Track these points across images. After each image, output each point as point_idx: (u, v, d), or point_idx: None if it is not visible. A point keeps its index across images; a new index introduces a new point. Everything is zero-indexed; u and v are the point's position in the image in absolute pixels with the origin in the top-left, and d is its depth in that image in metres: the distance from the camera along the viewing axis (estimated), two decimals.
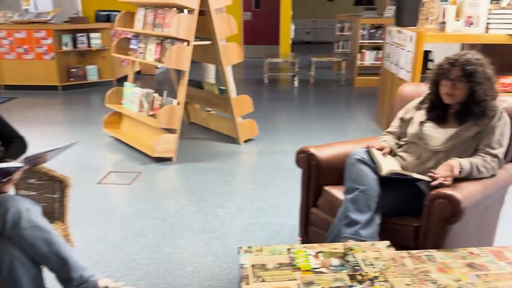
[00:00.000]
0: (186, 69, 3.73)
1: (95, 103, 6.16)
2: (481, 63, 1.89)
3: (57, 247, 1.54)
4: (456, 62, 1.90)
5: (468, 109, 1.92)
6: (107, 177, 3.50)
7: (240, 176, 3.57)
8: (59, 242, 1.55)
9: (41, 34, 6.39)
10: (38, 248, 1.51)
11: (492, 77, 1.92)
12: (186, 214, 2.87)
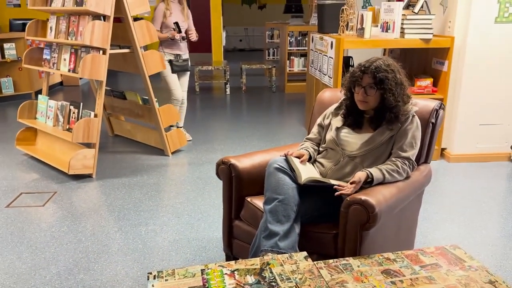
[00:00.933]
0: (103, 79, 3.51)
1: (10, 118, 5.67)
2: (391, 69, 1.91)
3: None
4: (367, 69, 1.91)
5: (382, 115, 1.94)
6: (17, 199, 3.18)
7: (166, 190, 3.41)
8: None
9: None
10: None
11: (403, 82, 1.94)
12: (103, 236, 2.66)
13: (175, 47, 4.28)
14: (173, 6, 4.20)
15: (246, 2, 14.49)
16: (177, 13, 4.23)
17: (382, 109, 1.94)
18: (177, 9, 4.25)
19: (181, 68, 4.31)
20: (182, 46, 4.32)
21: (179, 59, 4.32)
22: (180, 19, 4.23)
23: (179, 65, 4.30)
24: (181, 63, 4.31)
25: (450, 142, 3.93)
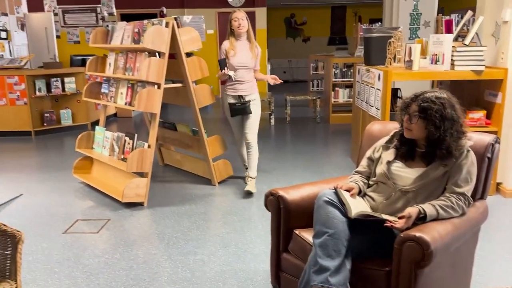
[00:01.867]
0: (157, 112, 3.69)
1: (68, 147, 6.03)
2: (441, 102, 1.89)
3: None
4: (416, 98, 1.92)
5: (433, 150, 1.91)
6: (74, 226, 3.35)
7: (213, 220, 3.47)
8: None
9: (14, 79, 6.32)
10: None
11: (454, 117, 1.89)
12: (154, 264, 2.73)
13: (236, 87, 3.89)
14: (240, 44, 3.84)
15: (291, 35, 14.81)
16: (244, 52, 3.85)
17: (433, 143, 1.92)
18: (245, 48, 3.86)
19: (239, 111, 3.89)
20: (246, 86, 3.90)
21: (240, 100, 3.89)
22: (246, 57, 3.85)
23: (237, 109, 3.89)
24: (239, 107, 3.87)
25: (506, 176, 3.75)
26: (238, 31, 3.80)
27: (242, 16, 3.80)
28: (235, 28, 3.80)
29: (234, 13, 3.83)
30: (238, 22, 3.78)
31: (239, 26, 3.78)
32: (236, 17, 3.80)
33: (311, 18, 14.53)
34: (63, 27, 10.53)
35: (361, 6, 13.99)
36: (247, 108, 3.88)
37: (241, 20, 3.78)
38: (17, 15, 9.73)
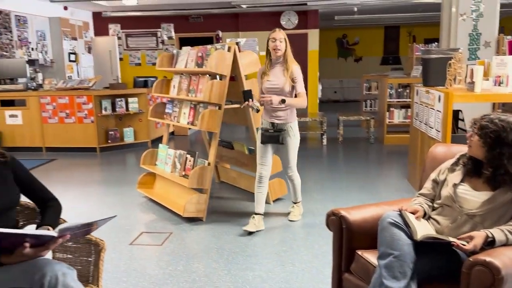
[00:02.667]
0: (217, 131, 3.86)
1: (130, 163, 6.37)
2: (502, 124, 1.88)
3: None
4: (484, 116, 1.94)
5: (497, 174, 1.90)
6: (139, 238, 3.55)
7: (269, 237, 3.53)
8: None
9: (83, 99, 6.82)
10: None
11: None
12: (215, 278, 2.84)
13: (270, 113, 3.54)
14: (275, 67, 3.49)
15: (342, 55, 14.81)
16: (278, 75, 3.47)
17: (495, 167, 1.90)
18: (279, 71, 3.47)
19: (270, 139, 3.50)
20: (280, 114, 3.49)
21: (272, 128, 3.54)
22: (279, 81, 3.44)
23: (268, 136, 3.50)
24: (271, 134, 3.49)
25: None
26: (274, 53, 3.41)
27: (281, 37, 3.36)
28: (271, 49, 3.42)
29: (273, 33, 3.41)
30: (275, 44, 3.37)
31: (275, 48, 3.37)
32: (274, 37, 3.38)
33: (364, 38, 14.48)
34: (126, 50, 11.21)
35: (416, 26, 13.78)
36: (279, 137, 3.48)
37: (279, 42, 3.35)
38: (85, 39, 10.52)
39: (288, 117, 3.54)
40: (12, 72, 7.58)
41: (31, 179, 1.93)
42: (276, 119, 3.53)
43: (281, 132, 3.50)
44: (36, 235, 1.59)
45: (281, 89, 3.42)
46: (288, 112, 3.53)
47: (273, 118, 3.53)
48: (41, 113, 6.91)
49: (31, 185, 1.92)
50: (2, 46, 8.19)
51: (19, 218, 1.99)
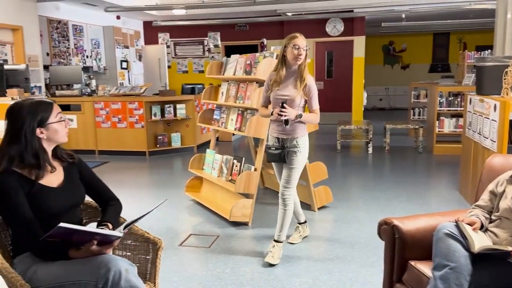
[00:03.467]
0: (264, 137, 3.91)
1: (177, 167, 6.56)
2: None
3: None
4: None
5: None
6: (188, 240, 3.65)
7: (315, 245, 3.53)
8: None
9: (134, 105, 7.10)
10: None
11: None
12: (262, 282, 2.87)
13: (276, 127, 3.15)
14: (288, 76, 3.07)
15: (389, 62, 14.53)
16: (289, 85, 3.06)
17: None
18: (291, 80, 3.07)
19: (273, 157, 3.15)
20: (287, 127, 3.02)
21: (279, 144, 3.12)
22: (290, 91, 3.03)
23: (271, 154, 3.14)
24: (273, 151, 3.13)
25: None
26: (294, 61, 3.00)
27: (304, 45, 2.99)
28: (292, 56, 2.98)
29: (296, 39, 2.97)
30: (298, 51, 2.96)
31: (297, 56, 2.97)
32: (298, 44, 2.95)
33: (411, 45, 14.14)
34: (174, 58, 11.58)
35: (467, 32, 13.29)
36: (281, 155, 3.10)
37: (302, 50, 2.97)
38: (136, 47, 10.97)
39: (295, 132, 3.08)
40: (68, 78, 8.03)
41: (95, 179, 2.06)
42: (282, 134, 3.10)
43: (283, 149, 3.10)
44: (105, 234, 1.69)
45: (292, 101, 3.01)
46: (296, 126, 3.08)
47: (278, 133, 3.11)
48: (95, 117, 7.26)
49: (95, 185, 2.05)
50: (60, 53, 8.70)
51: (83, 215, 2.12)
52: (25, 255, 1.80)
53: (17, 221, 1.74)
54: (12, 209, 1.73)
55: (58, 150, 1.94)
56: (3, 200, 1.73)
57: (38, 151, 1.81)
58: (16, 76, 5.15)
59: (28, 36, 7.52)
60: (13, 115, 1.82)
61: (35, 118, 1.80)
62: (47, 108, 1.85)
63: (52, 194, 1.83)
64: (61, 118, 1.88)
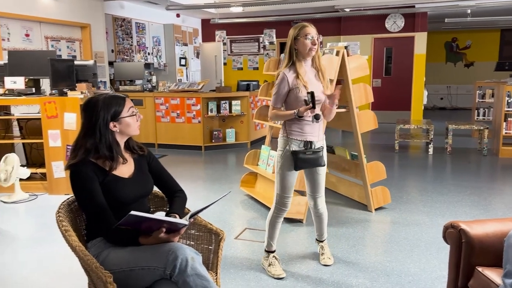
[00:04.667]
0: None
1: (231, 162, 6.68)
2: None
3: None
4: None
5: None
6: (243, 233, 3.71)
7: (372, 246, 3.46)
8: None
9: (192, 101, 7.31)
10: None
11: None
12: (317, 280, 2.86)
13: (305, 129, 2.78)
14: (307, 72, 2.79)
15: (451, 60, 13.86)
16: (314, 81, 2.78)
17: None
18: (312, 76, 2.80)
19: (310, 163, 2.80)
20: (316, 129, 2.81)
21: (310, 148, 2.80)
22: (316, 88, 2.72)
23: (308, 159, 2.78)
24: (310, 156, 2.78)
25: None
26: (309, 52, 2.71)
27: (316, 33, 2.71)
28: (305, 47, 2.69)
29: (306, 28, 2.69)
30: (312, 41, 2.68)
31: (313, 47, 2.69)
32: (310, 33, 2.67)
33: (476, 42, 13.39)
34: (230, 55, 11.76)
35: None
36: (320, 159, 2.82)
37: (316, 39, 2.70)
38: (194, 44, 11.26)
39: (322, 133, 2.91)
40: (131, 74, 8.41)
41: (163, 171, 2.15)
42: (313, 137, 2.80)
43: (321, 153, 2.83)
44: (172, 222, 1.77)
45: (321, 99, 2.77)
46: (321, 125, 2.86)
47: (307, 135, 2.79)
48: (155, 112, 7.56)
49: (162, 176, 2.14)
50: (123, 50, 9.13)
51: (150, 205, 2.23)
52: (97, 239, 1.92)
53: (92, 209, 1.86)
54: (88, 197, 1.85)
55: (130, 142, 2.05)
56: (80, 188, 1.86)
57: (112, 143, 1.91)
58: (85, 71, 5.46)
59: (95, 34, 7.97)
60: (88, 109, 1.93)
61: (108, 112, 1.91)
62: (120, 103, 1.95)
63: (124, 184, 1.94)
64: (133, 112, 1.98)
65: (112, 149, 1.91)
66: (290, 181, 2.86)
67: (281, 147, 2.85)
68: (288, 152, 2.79)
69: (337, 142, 8.18)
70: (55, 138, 4.76)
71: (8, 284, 2.82)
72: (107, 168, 1.91)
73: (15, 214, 4.29)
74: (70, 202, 2.04)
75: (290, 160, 2.79)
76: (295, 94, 2.72)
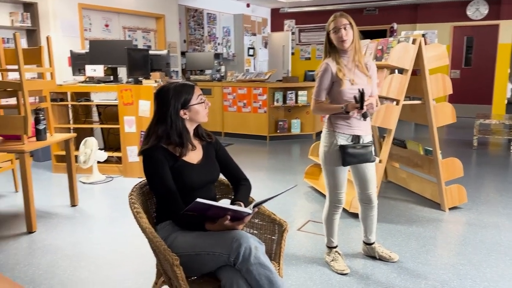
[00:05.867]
0: (392, 128, 3.70)
1: (295, 153, 6.63)
2: None
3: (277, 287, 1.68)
4: None
5: None
6: (306, 225, 3.67)
7: (445, 248, 3.25)
8: (279, 283, 1.68)
9: (259, 91, 7.34)
10: (261, 285, 1.67)
11: None
12: (383, 278, 2.74)
13: (352, 123, 2.68)
14: (348, 65, 2.64)
15: None
16: (358, 75, 2.64)
17: None
18: (354, 68, 2.65)
19: (359, 158, 2.69)
20: (364, 123, 2.70)
21: (358, 142, 2.69)
22: (363, 82, 2.64)
23: (357, 154, 2.66)
24: (359, 151, 2.67)
25: None
26: (341, 45, 2.57)
27: (345, 23, 2.54)
28: (336, 41, 2.57)
29: (333, 21, 2.57)
30: (339, 34, 2.54)
31: (341, 38, 2.54)
32: (336, 26, 2.55)
33: None
34: (298, 44, 11.64)
35: None
36: (369, 154, 2.70)
37: (343, 30, 2.53)
38: (262, 34, 11.28)
39: (369, 127, 2.78)
40: (201, 64, 8.61)
41: (229, 159, 2.17)
42: (360, 131, 2.70)
43: (370, 147, 2.71)
44: (236, 210, 1.77)
45: (367, 92, 2.60)
46: (370, 121, 2.78)
47: (355, 129, 2.68)
48: (223, 101, 7.70)
49: (228, 164, 2.16)
50: (195, 40, 9.38)
51: (216, 191, 2.26)
52: (166, 222, 1.98)
53: (163, 193, 1.92)
54: (159, 181, 1.91)
55: (199, 129, 2.09)
56: (151, 172, 1.93)
57: (182, 130, 1.96)
58: (159, 61, 5.68)
59: (169, 24, 8.27)
60: (160, 97, 1.99)
61: (179, 100, 1.95)
62: (189, 91, 1.99)
63: (192, 170, 1.98)
64: (201, 99, 2.01)
65: (182, 136, 1.96)
66: (341, 177, 2.77)
67: (327, 142, 2.74)
68: (336, 147, 2.67)
69: (409, 135, 7.80)
70: (130, 124, 5.02)
71: (81, 260, 3.03)
72: (177, 154, 1.96)
73: (92, 194, 4.60)
74: (142, 185, 2.12)
75: (337, 155, 2.68)
76: (338, 87, 2.61)
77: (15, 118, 3.40)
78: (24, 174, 3.37)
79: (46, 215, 3.89)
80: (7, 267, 2.90)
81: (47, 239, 3.37)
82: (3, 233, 3.49)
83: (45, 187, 4.81)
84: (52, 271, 2.85)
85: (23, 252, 3.13)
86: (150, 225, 1.84)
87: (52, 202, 4.26)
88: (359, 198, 2.96)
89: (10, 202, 4.26)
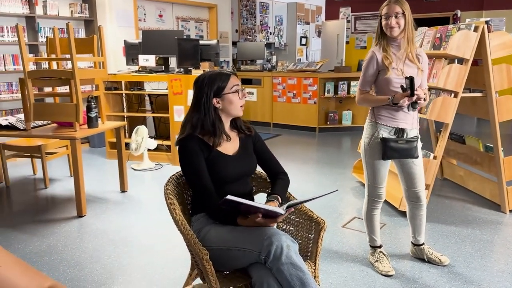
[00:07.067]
0: (449, 122, 3.45)
1: (345, 147, 6.43)
2: None
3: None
4: None
5: None
6: (351, 222, 3.53)
7: (503, 253, 2.99)
8: (312, 285, 1.60)
9: (309, 81, 7.18)
10: (292, 286, 1.60)
11: None
12: (432, 283, 2.56)
13: (397, 115, 2.53)
14: (396, 54, 2.49)
15: None
16: (406, 64, 2.49)
17: None
18: (403, 58, 2.49)
19: (401, 153, 2.53)
20: (409, 116, 2.55)
21: (402, 136, 2.55)
22: (411, 72, 2.46)
23: (399, 149, 2.52)
24: (402, 145, 2.52)
25: None
26: (389, 32, 2.44)
27: (397, 11, 2.40)
28: (385, 28, 2.46)
29: (385, 7, 2.45)
30: (389, 21, 2.42)
31: (390, 25, 2.41)
32: (387, 12, 2.42)
33: None
34: (353, 33, 11.25)
35: None
36: (413, 150, 2.54)
37: (394, 19, 2.40)
38: (316, 23, 11.02)
39: (416, 121, 2.62)
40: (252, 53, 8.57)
41: (268, 152, 2.10)
42: (405, 124, 2.54)
43: (415, 142, 2.55)
44: (268, 210, 1.70)
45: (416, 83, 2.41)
46: (416, 115, 2.61)
47: (400, 122, 2.53)
48: (272, 92, 7.62)
49: (266, 157, 2.09)
50: (247, 30, 9.34)
51: (253, 185, 2.20)
52: (201, 214, 1.95)
53: (198, 185, 1.89)
54: (194, 172, 1.88)
55: (238, 121, 2.04)
56: (186, 162, 1.90)
57: (215, 120, 1.91)
58: (209, 51, 5.70)
59: (221, 14, 8.28)
60: (197, 85, 1.96)
61: (212, 88, 1.90)
62: (224, 79, 1.93)
63: (227, 161, 1.93)
64: (236, 89, 1.94)
65: (215, 125, 1.91)
66: (381, 171, 2.63)
67: (369, 134, 2.61)
68: (377, 140, 2.54)
69: (469, 130, 7.32)
70: (180, 113, 5.09)
71: (125, 246, 3.11)
72: (211, 144, 1.92)
73: (141, 181, 4.73)
74: (179, 176, 2.11)
75: (379, 148, 2.55)
76: (385, 76, 2.47)
77: (67, 105, 3.54)
78: (75, 160, 3.51)
79: (96, 200, 4.05)
80: (57, 249, 3.04)
81: (96, 223, 3.50)
82: (56, 216, 3.67)
83: (98, 172, 5.02)
84: (97, 255, 2.95)
85: (72, 236, 3.28)
86: (184, 218, 1.82)
87: (103, 187, 4.43)
88: (406, 196, 2.79)
89: (65, 186, 4.48)
